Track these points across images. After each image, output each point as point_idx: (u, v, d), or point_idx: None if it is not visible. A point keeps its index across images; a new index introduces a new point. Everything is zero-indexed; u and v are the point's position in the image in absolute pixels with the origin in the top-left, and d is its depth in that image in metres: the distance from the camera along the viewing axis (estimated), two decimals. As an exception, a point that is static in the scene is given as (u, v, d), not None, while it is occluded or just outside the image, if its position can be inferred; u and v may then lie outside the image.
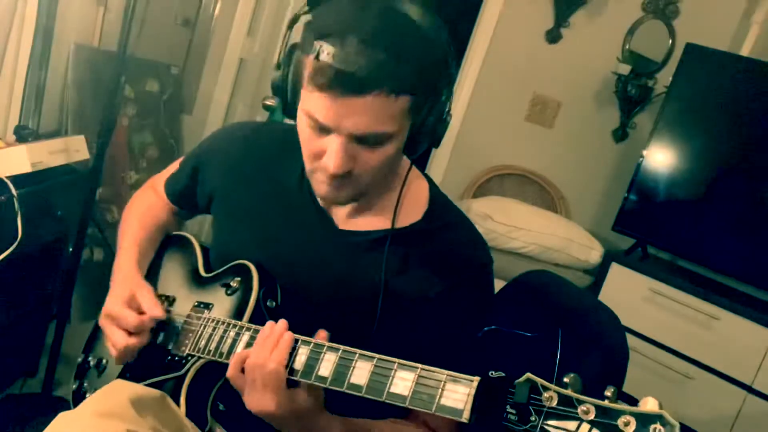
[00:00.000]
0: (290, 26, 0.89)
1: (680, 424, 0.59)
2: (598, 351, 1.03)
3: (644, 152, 2.74)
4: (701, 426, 2.40)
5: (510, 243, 2.78)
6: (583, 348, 1.01)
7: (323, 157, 0.87)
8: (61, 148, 1.83)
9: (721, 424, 2.42)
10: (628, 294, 2.60)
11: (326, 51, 0.80)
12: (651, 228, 2.76)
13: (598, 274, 2.78)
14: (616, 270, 2.65)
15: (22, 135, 1.83)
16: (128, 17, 1.73)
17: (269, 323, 0.87)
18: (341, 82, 0.80)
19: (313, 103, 0.85)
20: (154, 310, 1.00)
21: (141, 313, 1.01)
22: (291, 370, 0.83)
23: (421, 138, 0.90)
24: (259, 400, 0.83)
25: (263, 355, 0.83)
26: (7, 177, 1.57)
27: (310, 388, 0.84)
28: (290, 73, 0.89)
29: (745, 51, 2.80)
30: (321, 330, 0.86)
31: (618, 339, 1.11)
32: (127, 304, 1.01)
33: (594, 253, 2.80)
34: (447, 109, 0.91)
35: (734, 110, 2.64)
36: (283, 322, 0.86)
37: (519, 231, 2.77)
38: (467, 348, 0.86)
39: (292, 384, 0.83)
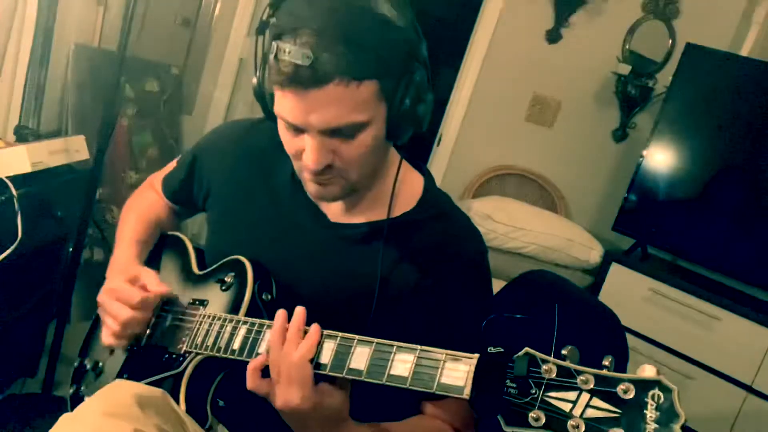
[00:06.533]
0: (258, 33, 0.89)
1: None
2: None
3: (644, 152, 2.74)
4: (701, 426, 2.40)
5: (510, 243, 2.78)
6: (582, 348, 1.01)
7: (303, 156, 0.88)
8: (61, 148, 1.83)
9: (721, 424, 2.42)
10: (628, 294, 2.60)
11: (282, 49, 0.80)
12: (651, 228, 2.76)
13: (598, 274, 2.78)
14: (616, 270, 2.65)
15: (22, 135, 1.83)
16: (128, 17, 1.74)
17: (279, 313, 0.85)
18: (299, 77, 0.80)
19: (281, 104, 0.86)
20: (160, 286, 1.00)
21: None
22: None
23: (402, 122, 0.89)
24: (284, 395, 0.81)
25: (289, 348, 0.81)
26: (7, 177, 1.57)
27: (337, 387, 0.83)
28: (264, 79, 0.90)
29: (745, 51, 2.80)
30: (315, 324, 0.85)
31: (618, 339, 1.11)
32: (130, 282, 1.01)
33: (594, 253, 2.80)
34: (425, 89, 0.89)
35: (734, 110, 2.64)
36: (301, 311, 0.84)
37: (519, 231, 2.77)
38: (466, 336, 0.86)
39: (316, 379, 0.83)
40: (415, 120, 0.90)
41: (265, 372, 0.84)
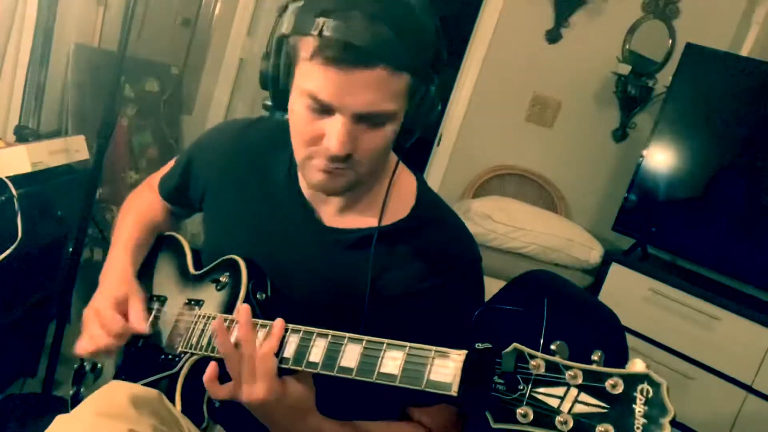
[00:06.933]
0: (280, 14, 0.88)
1: (680, 423, 0.59)
2: (598, 351, 1.03)
3: (644, 152, 2.74)
4: (701, 426, 2.40)
5: (510, 243, 2.78)
6: (582, 348, 1.01)
7: (322, 140, 0.86)
8: (61, 148, 1.83)
9: (721, 424, 2.42)
10: (628, 294, 2.60)
11: (331, 25, 0.80)
12: (651, 228, 2.76)
13: (598, 274, 2.78)
14: (616, 270, 2.65)
15: (22, 135, 1.83)
16: (128, 17, 1.73)
17: (219, 317, 0.87)
18: (349, 54, 0.79)
19: (316, 81, 0.83)
20: (140, 324, 1.00)
21: (127, 318, 1.01)
22: (282, 359, 0.83)
23: (416, 124, 0.91)
24: (250, 389, 0.82)
25: (246, 346, 0.83)
26: (7, 177, 1.57)
27: (300, 378, 0.84)
28: (282, 60, 0.88)
29: (745, 51, 2.81)
30: (278, 319, 0.86)
31: (618, 339, 1.11)
32: (116, 306, 1.01)
33: (594, 253, 2.80)
34: (438, 97, 0.91)
35: (734, 110, 2.64)
36: (245, 308, 0.86)
37: (519, 231, 2.77)
38: (461, 343, 0.86)
39: (283, 374, 0.84)
40: (425, 124, 0.92)
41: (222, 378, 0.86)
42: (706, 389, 2.44)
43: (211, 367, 0.86)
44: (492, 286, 1.07)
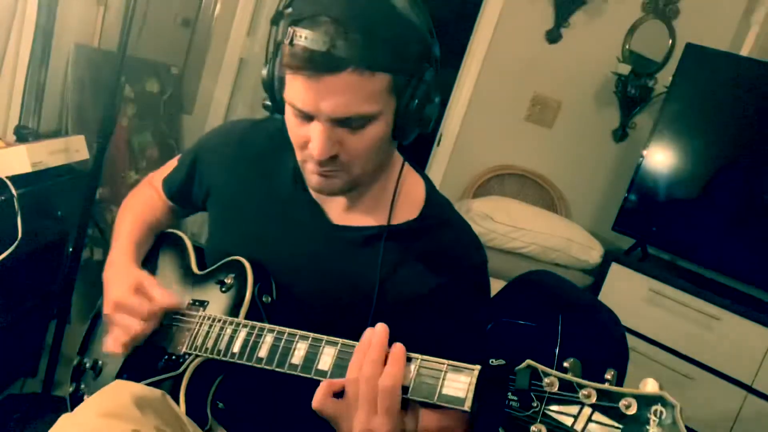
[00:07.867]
0: (273, 23, 0.89)
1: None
2: (598, 351, 1.03)
3: (644, 152, 2.74)
4: (701, 426, 2.40)
5: (510, 243, 2.78)
6: (582, 348, 1.01)
7: (309, 145, 0.88)
8: (61, 148, 1.83)
9: (721, 424, 2.42)
10: (628, 294, 2.60)
11: (299, 34, 0.80)
12: (651, 228, 2.76)
13: (598, 274, 2.78)
14: (616, 270, 2.65)
15: (22, 135, 1.83)
16: (128, 17, 1.74)
17: (367, 331, 0.79)
18: (314, 62, 0.80)
19: (292, 90, 0.85)
20: (167, 297, 1.00)
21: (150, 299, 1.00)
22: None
23: (408, 121, 0.89)
24: (367, 421, 0.75)
25: (375, 370, 0.75)
26: (7, 177, 1.57)
27: (413, 410, 0.79)
28: (275, 67, 0.90)
29: (745, 51, 2.81)
30: (398, 345, 0.77)
31: (618, 339, 1.11)
32: (136, 293, 1.01)
33: (594, 253, 2.80)
34: (434, 90, 0.90)
35: (734, 110, 2.64)
36: (383, 327, 0.79)
37: (519, 231, 2.77)
38: (466, 345, 0.86)
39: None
40: (422, 120, 0.91)
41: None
42: (706, 389, 2.44)
43: (340, 380, 0.79)
44: (492, 286, 1.07)
